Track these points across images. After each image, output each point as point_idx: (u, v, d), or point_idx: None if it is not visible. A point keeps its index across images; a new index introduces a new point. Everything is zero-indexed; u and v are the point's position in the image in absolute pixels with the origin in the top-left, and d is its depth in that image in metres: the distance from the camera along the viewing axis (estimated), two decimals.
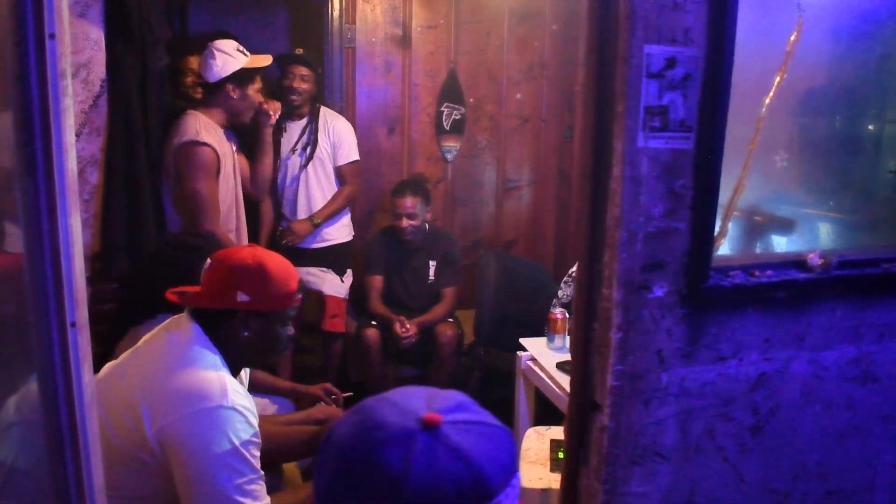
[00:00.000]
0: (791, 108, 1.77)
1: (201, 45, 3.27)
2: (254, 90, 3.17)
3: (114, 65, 2.71)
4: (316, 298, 3.81)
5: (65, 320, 0.99)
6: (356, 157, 3.85)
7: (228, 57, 3.08)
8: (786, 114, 1.76)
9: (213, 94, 3.13)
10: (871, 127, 1.95)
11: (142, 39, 2.83)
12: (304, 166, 3.72)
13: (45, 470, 1.10)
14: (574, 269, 3.23)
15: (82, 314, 1.04)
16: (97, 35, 2.66)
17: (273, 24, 5.05)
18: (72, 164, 1.03)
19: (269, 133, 3.39)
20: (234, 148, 3.24)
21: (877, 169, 1.96)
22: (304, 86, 3.68)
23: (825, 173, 1.91)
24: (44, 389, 1.01)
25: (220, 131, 3.10)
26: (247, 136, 3.41)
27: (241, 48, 3.15)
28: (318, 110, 3.78)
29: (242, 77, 3.10)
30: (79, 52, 2.59)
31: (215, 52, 3.08)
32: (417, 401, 0.86)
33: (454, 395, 0.90)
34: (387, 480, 0.79)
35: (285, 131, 3.73)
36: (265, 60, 3.21)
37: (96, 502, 1.11)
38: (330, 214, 3.77)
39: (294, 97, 3.66)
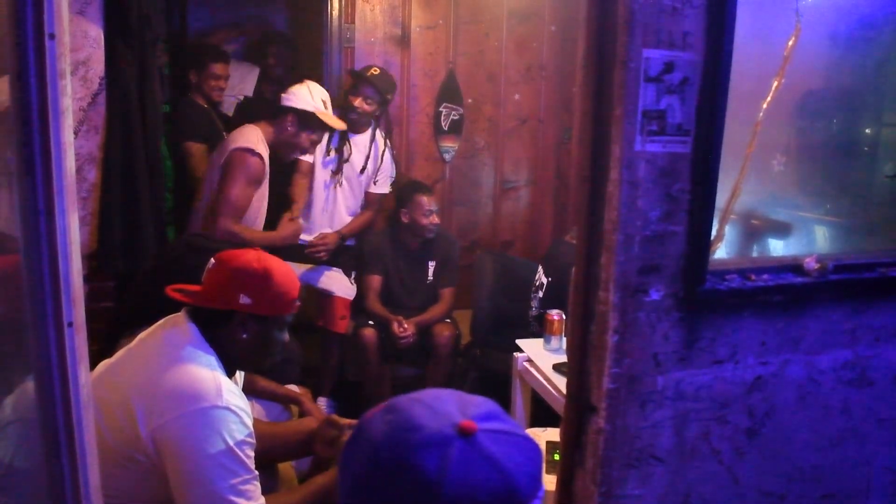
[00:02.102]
0: (789, 112, 1.78)
1: (225, 54, 3.65)
2: (308, 138, 3.30)
3: (112, 62, 2.71)
4: (323, 299, 3.82)
5: (62, 320, 1.00)
6: (387, 190, 3.98)
7: (308, 98, 3.27)
8: (783, 118, 1.76)
9: (277, 114, 3.28)
10: (868, 131, 1.96)
11: (140, 37, 2.84)
12: (339, 183, 3.82)
13: (41, 468, 1.10)
14: (537, 278, 3.26)
15: (79, 314, 1.04)
16: (96, 33, 2.66)
17: (273, 24, 5.05)
18: (70, 164, 1.03)
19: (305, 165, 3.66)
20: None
21: (874, 173, 1.96)
22: (367, 108, 3.75)
23: (822, 177, 1.92)
24: (40, 389, 1.01)
25: (267, 148, 3.23)
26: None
27: (328, 102, 3.35)
28: (375, 134, 3.87)
29: (306, 120, 3.25)
30: (77, 49, 2.59)
31: (305, 85, 3.32)
32: (451, 405, 0.87)
33: (485, 403, 0.90)
34: (422, 483, 0.79)
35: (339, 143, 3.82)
36: (336, 124, 3.40)
37: (92, 501, 1.11)
38: (354, 231, 3.88)
39: (354, 116, 3.74)
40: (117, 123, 2.74)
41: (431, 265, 3.94)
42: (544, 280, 3.45)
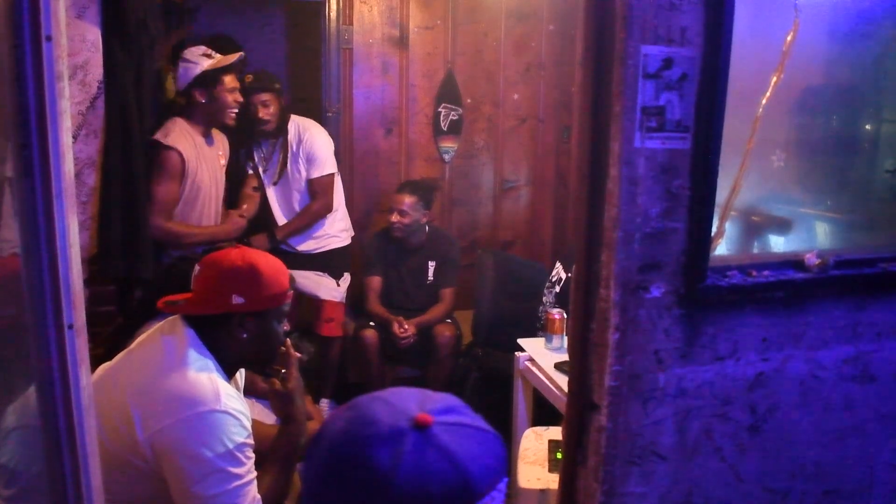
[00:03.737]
0: (789, 107, 1.77)
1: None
2: (223, 90, 3.19)
3: (110, 66, 2.71)
4: (311, 302, 3.81)
5: (62, 322, 0.99)
6: (329, 170, 3.75)
7: (190, 64, 3.15)
8: (783, 114, 1.76)
9: (187, 102, 3.20)
10: (868, 126, 1.96)
11: (138, 41, 2.84)
12: (275, 183, 3.72)
13: (43, 471, 1.10)
14: (554, 273, 3.25)
15: (80, 316, 1.04)
16: (94, 37, 2.66)
17: (270, 26, 5.04)
18: (69, 167, 1.03)
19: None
20: (221, 151, 3.35)
21: (874, 168, 1.96)
22: (269, 110, 3.61)
23: (823, 173, 1.91)
24: (41, 391, 1.01)
25: (198, 137, 3.17)
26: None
27: (209, 52, 3.20)
28: (286, 127, 3.70)
29: (207, 80, 3.15)
30: (76, 53, 2.59)
31: (180, 62, 3.17)
32: (410, 401, 0.88)
33: (446, 398, 0.91)
34: (375, 476, 0.80)
35: (263, 156, 3.76)
36: (228, 59, 3.22)
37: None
38: (293, 231, 3.72)
39: (264, 126, 3.63)
40: (116, 127, 2.74)
41: (431, 265, 3.94)
42: (563, 275, 3.43)
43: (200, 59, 3.16)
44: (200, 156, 3.16)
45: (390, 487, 0.80)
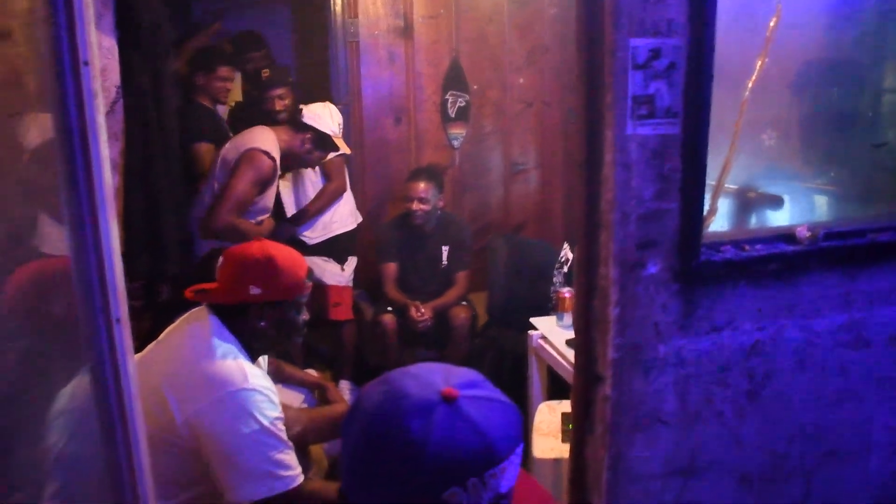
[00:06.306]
0: (776, 89, 1.85)
1: (232, 56, 3.86)
2: (317, 156, 3.52)
3: (127, 71, 2.81)
4: (317, 288, 3.89)
5: (110, 317, 1.10)
6: (341, 151, 3.85)
7: (329, 121, 3.45)
8: (771, 95, 1.83)
9: (296, 127, 3.45)
10: (854, 103, 2.03)
11: (153, 45, 2.94)
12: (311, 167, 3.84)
13: (96, 454, 1.22)
14: (563, 253, 3.34)
15: (124, 310, 1.15)
16: (110, 43, 2.75)
17: (276, 21, 5.13)
18: (108, 176, 1.13)
19: None
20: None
21: (862, 143, 2.03)
22: (284, 102, 3.81)
23: (812, 150, 1.99)
24: (94, 379, 1.12)
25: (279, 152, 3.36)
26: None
27: (342, 125, 3.54)
28: (297, 117, 3.73)
29: (322, 141, 3.45)
30: None
31: (326, 108, 3.51)
32: (436, 375, 0.98)
33: (469, 373, 1.01)
34: (409, 445, 0.90)
35: None
36: (345, 149, 3.57)
37: (145, 483, 1.23)
38: (313, 214, 3.86)
39: (278, 118, 3.77)
40: (135, 129, 2.84)
41: (445, 250, 4.04)
42: (570, 256, 3.51)
43: (335, 124, 3.47)
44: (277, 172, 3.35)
45: (423, 454, 0.89)
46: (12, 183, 1.47)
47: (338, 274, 3.91)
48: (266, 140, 3.26)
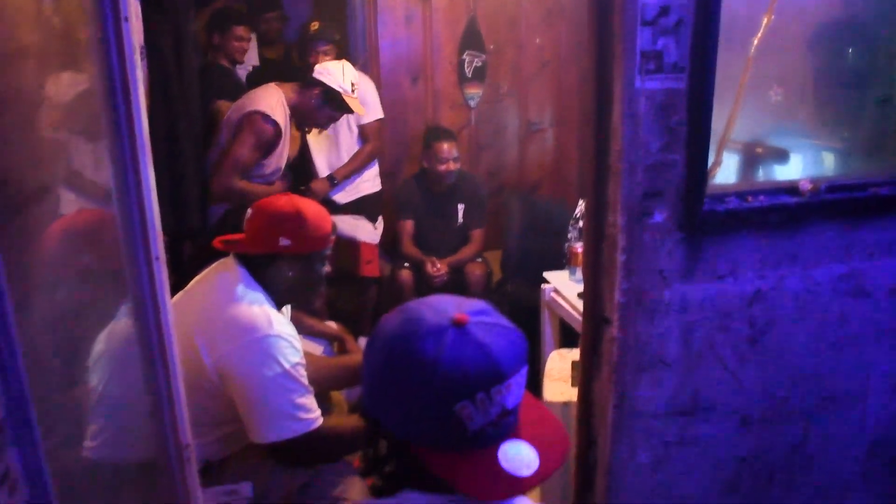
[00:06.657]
0: (783, 46, 1.89)
1: (247, 16, 3.90)
2: (328, 115, 3.48)
3: (150, 32, 2.88)
4: (349, 245, 4.00)
5: (150, 255, 1.20)
6: (379, 115, 3.98)
7: (340, 77, 3.41)
8: (778, 52, 1.88)
9: (305, 82, 3.43)
10: (861, 61, 2.06)
11: (174, 5, 3.01)
12: (319, 131, 3.86)
13: (137, 391, 1.32)
14: (578, 209, 3.40)
15: (161, 249, 1.25)
16: (134, 5, 2.83)
17: None
18: (145, 124, 1.22)
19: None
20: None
21: (868, 100, 2.07)
22: (328, 59, 3.77)
23: (819, 106, 2.04)
24: (137, 313, 1.22)
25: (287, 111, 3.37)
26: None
27: (357, 85, 3.51)
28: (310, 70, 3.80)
29: (331, 98, 3.40)
30: None
31: (341, 64, 3.49)
32: (450, 304, 1.07)
33: (479, 303, 1.10)
34: (422, 364, 1.00)
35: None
36: (357, 109, 3.54)
37: (183, 415, 1.33)
38: (350, 172, 3.91)
39: None
40: (158, 88, 2.93)
41: (461, 208, 4.11)
42: None
43: (347, 83, 3.42)
44: (287, 124, 3.36)
45: (435, 371, 0.99)
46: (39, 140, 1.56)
47: (370, 231, 3.99)
48: (270, 102, 3.26)
